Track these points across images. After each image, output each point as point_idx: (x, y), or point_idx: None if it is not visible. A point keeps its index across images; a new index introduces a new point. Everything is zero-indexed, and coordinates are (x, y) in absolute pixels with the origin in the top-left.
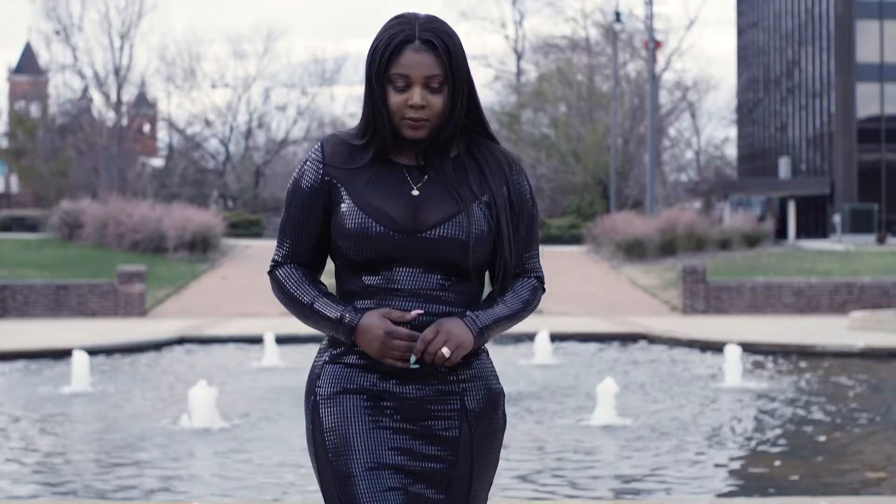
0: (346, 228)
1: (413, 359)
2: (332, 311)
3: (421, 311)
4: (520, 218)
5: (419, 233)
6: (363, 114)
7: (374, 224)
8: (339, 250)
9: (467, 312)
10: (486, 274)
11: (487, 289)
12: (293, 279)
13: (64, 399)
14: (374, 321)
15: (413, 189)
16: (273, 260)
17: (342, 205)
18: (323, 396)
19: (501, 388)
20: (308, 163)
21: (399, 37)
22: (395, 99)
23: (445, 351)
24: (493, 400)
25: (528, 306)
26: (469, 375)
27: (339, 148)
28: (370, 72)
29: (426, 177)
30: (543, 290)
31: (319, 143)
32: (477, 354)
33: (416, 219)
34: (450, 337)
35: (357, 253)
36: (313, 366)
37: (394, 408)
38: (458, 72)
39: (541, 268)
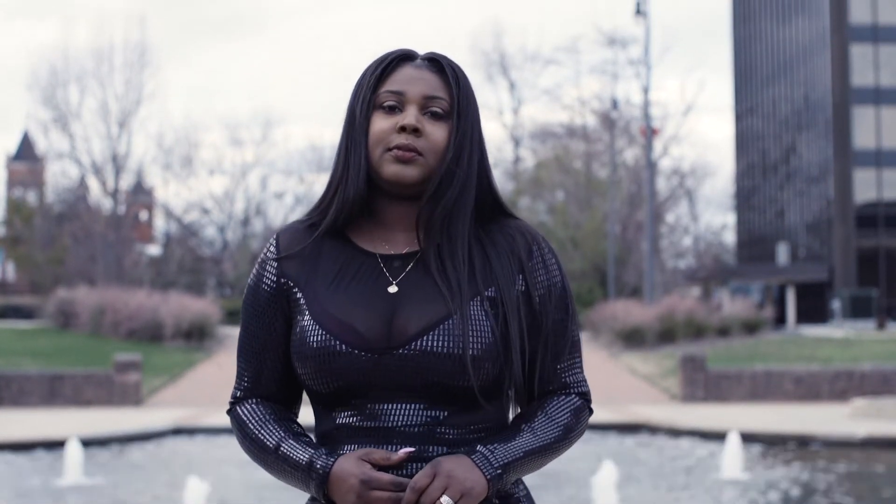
0: (303, 350)
1: None
2: (300, 455)
3: (411, 449)
4: (543, 317)
5: (395, 349)
6: (331, 174)
7: (335, 343)
8: (301, 379)
9: (478, 447)
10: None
11: None
12: (255, 418)
13: (57, 492)
14: (348, 467)
15: (390, 284)
16: (232, 395)
17: (299, 317)
18: None
19: None
20: (261, 263)
21: (396, 54)
22: (380, 123)
23: (445, 500)
24: None
25: (569, 434)
26: None
27: (297, 236)
28: (354, 102)
29: (410, 266)
30: (591, 412)
31: (275, 236)
32: (508, 498)
33: (390, 329)
34: (451, 482)
35: (319, 382)
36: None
37: None
38: (467, 107)
39: (585, 380)
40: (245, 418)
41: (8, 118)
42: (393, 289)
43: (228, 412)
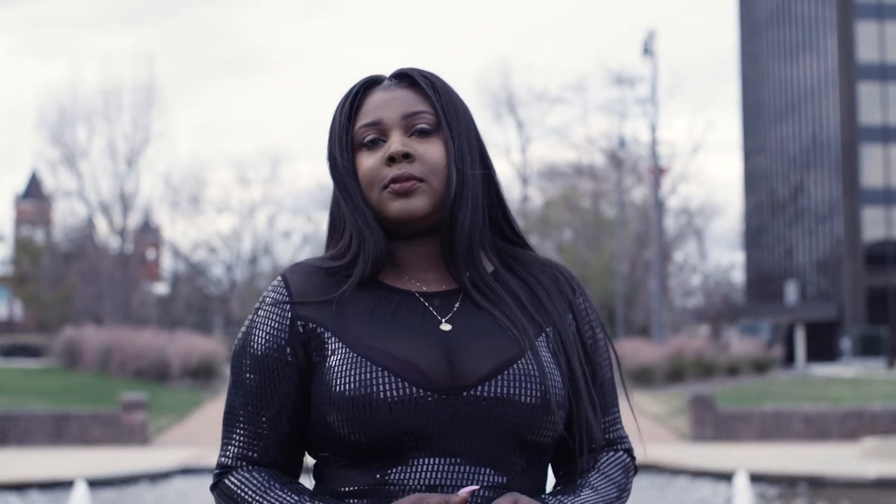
0: (342, 391)
1: None
2: None
3: (475, 487)
4: (596, 362)
5: (465, 390)
6: (333, 224)
7: (388, 379)
8: (329, 430)
9: (546, 499)
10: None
11: None
12: (254, 487)
13: None
14: None
15: (441, 322)
16: (218, 465)
17: (331, 357)
18: None
19: None
20: (265, 307)
21: (360, 83)
22: (366, 163)
23: None
24: None
25: (623, 493)
26: None
27: (312, 279)
28: (332, 148)
29: (456, 304)
30: (636, 470)
31: (280, 278)
32: None
33: (453, 369)
34: None
35: (361, 431)
36: None
37: None
38: (455, 114)
39: (628, 436)
40: (239, 490)
41: (16, 157)
42: (446, 326)
43: (213, 487)
